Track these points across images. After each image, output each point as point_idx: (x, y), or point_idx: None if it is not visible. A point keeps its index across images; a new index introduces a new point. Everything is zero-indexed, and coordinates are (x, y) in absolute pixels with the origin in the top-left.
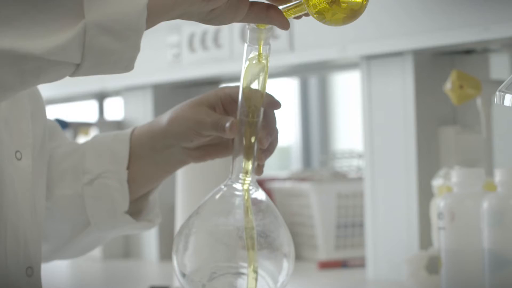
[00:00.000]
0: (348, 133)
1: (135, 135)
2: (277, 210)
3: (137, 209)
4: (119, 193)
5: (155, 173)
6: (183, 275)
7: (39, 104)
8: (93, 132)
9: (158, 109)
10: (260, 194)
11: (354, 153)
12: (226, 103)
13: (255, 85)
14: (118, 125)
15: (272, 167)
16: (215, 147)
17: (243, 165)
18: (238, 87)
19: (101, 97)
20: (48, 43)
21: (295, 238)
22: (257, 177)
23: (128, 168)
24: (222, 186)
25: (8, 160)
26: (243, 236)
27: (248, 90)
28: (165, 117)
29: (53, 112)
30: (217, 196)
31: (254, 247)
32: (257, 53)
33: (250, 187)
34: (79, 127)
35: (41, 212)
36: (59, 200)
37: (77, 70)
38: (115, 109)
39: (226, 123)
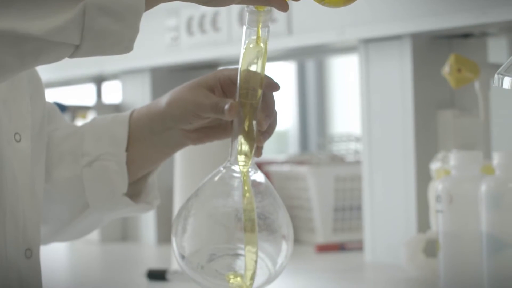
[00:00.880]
0: (346, 116)
1: (134, 118)
2: (276, 192)
3: (136, 191)
4: (118, 175)
5: (154, 155)
6: (182, 257)
7: (39, 87)
8: (91, 116)
9: (156, 93)
10: (259, 176)
11: (351, 137)
12: (225, 85)
13: (254, 67)
14: (116, 108)
15: (269, 151)
16: (214, 129)
17: (242, 147)
18: (237, 69)
19: (99, 80)
20: (47, 24)
21: (293, 221)
22: (255, 159)
23: (127, 150)
24: (221, 168)
25: (7, 142)
26: (242, 218)
27: (247, 72)
28: (164, 99)
29: (51, 96)
30: (216, 178)
31: (255, 228)
32: (255, 36)
33: (249, 169)
34: (77, 110)
35: (40, 194)
36: (58, 182)
37: (76, 51)
38: (113, 92)
39: (225, 105)
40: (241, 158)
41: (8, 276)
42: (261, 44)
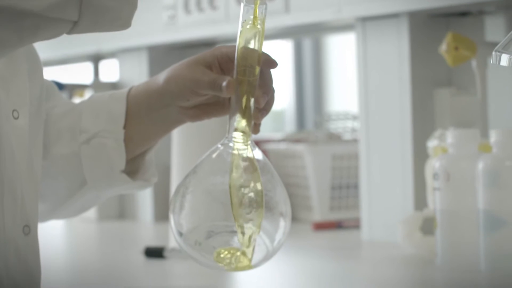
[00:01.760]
0: (343, 94)
1: (131, 95)
2: (273, 169)
3: (133, 168)
4: (115, 152)
5: (152, 132)
6: (180, 234)
7: (36, 64)
8: (88, 94)
9: (153, 71)
10: (257, 153)
11: (349, 115)
12: (223, 62)
13: (251, 44)
14: (113, 86)
15: (266, 129)
16: (211, 106)
17: (240, 124)
18: (234, 46)
19: (96, 59)
20: (46, 0)
21: (290, 199)
22: (253, 136)
23: (124, 127)
24: (219, 145)
25: (5, 119)
26: (245, 194)
27: (244, 49)
28: (161, 77)
29: (48, 74)
30: (214, 155)
31: (262, 204)
32: (253, 13)
33: (247, 146)
34: (75, 89)
35: (38, 171)
36: (56, 159)
37: (74, 27)
38: (110, 71)
39: (223, 82)
40: (238, 135)
41: (7, 252)
42: (259, 21)
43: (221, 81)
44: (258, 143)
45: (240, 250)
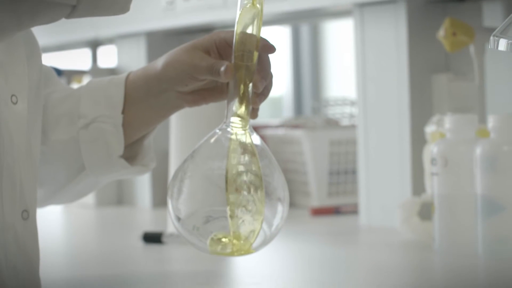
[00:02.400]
0: (341, 80)
1: (130, 80)
2: (271, 154)
3: (132, 153)
4: (114, 137)
5: (150, 118)
6: (178, 219)
7: (35, 49)
8: (87, 80)
9: (152, 57)
10: (255, 138)
11: (347, 100)
12: (221, 48)
13: (249, 30)
14: (112, 72)
15: (264, 115)
16: (209, 92)
17: (238, 109)
18: (233, 31)
19: (94, 45)
20: None
21: (288, 185)
22: (251, 121)
23: (123, 112)
24: (217, 130)
25: (3, 104)
26: (243, 179)
27: (242, 35)
28: (160, 62)
29: (46, 60)
30: (212, 140)
31: (262, 188)
32: None
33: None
34: (73, 75)
35: (36, 156)
36: (55, 144)
37: (73, 11)
38: (108, 57)
39: (221, 67)
40: (236, 120)
41: (5, 237)
42: (257, 6)
43: (219, 66)
44: (256, 129)
45: (235, 235)
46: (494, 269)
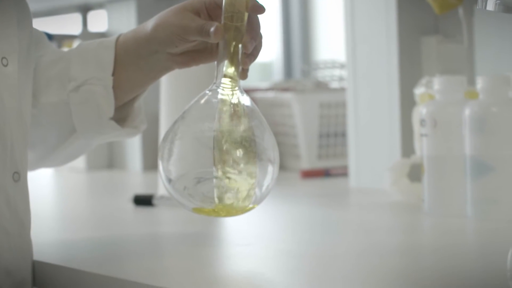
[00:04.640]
0: (330, 43)
1: (120, 42)
2: (261, 115)
3: (122, 115)
4: (104, 99)
5: (140, 79)
6: (169, 180)
7: (25, 12)
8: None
9: (142, 21)
10: (245, 99)
11: (336, 63)
12: (211, 9)
13: None
14: (102, 37)
15: (254, 79)
16: (199, 53)
17: (228, 70)
18: None
19: (84, 9)
20: None
21: (278, 148)
22: (241, 84)
23: (113, 74)
24: (207, 91)
25: None
26: (233, 139)
27: None
28: (149, 24)
29: (37, 26)
30: (202, 101)
31: (255, 149)
32: None
33: (235, 91)
34: (63, 39)
35: (27, 119)
36: (45, 107)
37: None
38: (98, 21)
39: (211, 28)
40: (227, 81)
41: None
42: None
43: (209, 27)
44: (246, 92)
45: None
46: (483, 229)
